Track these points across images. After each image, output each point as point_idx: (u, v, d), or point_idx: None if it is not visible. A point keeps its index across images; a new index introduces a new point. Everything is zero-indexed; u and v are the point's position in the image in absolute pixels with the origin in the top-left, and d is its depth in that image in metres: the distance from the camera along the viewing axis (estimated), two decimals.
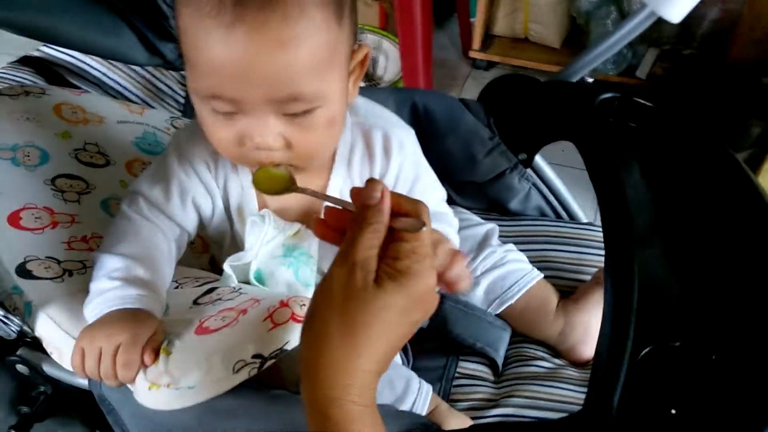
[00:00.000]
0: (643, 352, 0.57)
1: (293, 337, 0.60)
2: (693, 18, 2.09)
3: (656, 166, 0.81)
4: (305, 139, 0.61)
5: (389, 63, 2.27)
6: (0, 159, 0.79)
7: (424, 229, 0.49)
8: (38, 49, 1.12)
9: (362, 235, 0.48)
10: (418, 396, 0.76)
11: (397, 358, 0.82)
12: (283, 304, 0.62)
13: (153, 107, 1.11)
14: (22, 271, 0.69)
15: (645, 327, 0.58)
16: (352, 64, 0.64)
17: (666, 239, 0.75)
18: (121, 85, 1.11)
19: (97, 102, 0.98)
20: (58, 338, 0.66)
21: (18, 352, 0.71)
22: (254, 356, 0.58)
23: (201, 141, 0.68)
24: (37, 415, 0.74)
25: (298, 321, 0.61)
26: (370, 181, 0.50)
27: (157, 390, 0.58)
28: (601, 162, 0.75)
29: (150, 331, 0.61)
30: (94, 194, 0.83)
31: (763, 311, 0.60)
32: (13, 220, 0.74)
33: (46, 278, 0.70)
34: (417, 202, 0.51)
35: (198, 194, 0.72)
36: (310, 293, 0.74)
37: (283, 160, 0.62)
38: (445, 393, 0.83)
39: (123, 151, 0.92)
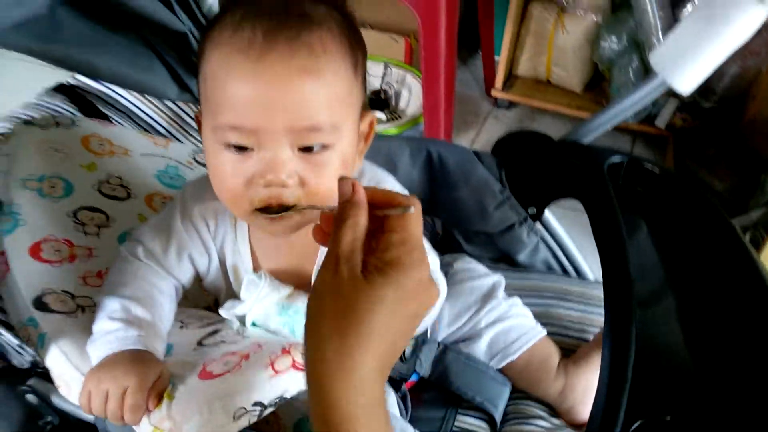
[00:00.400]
0: (635, 425, 0.58)
1: (293, 386, 0.62)
2: (713, 73, 2.11)
3: (662, 229, 0.83)
4: (318, 177, 0.63)
5: (412, 97, 2.31)
6: (28, 189, 0.83)
7: (412, 209, 0.48)
8: (73, 77, 1.17)
9: (342, 230, 0.48)
10: None
11: (395, 409, 0.83)
12: (285, 352, 0.64)
13: (179, 140, 1.15)
14: (39, 304, 0.72)
15: (638, 398, 0.60)
16: (361, 126, 0.68)
17: (667, 303, 0.77)
18: (150, 117, 1.15)
19: (125, 134, 1.01)
20: (68, 372, 0.68)
21: (29, 382, 0.74)
22: (255, 404, 0.60)
23: (205, 199, 0.73)
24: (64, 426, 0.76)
25: (299, 369, 0.63)
26: (341, 179, 0.50)
27: None
28: (605, 226, 0.76)
29: (155, 375, 0.63)
30: (113, 228, 0.86)
31: (752, 386, 0.62)
32: (34, 251, 0.77)
33: (61, 312, 0.72)
34: (393, 193, 0.51)
35: (195, 251, 0.76)
36: None
37: (294, 201, 0.63)
38: None
39: (144, 185, 0.95)
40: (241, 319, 0.75)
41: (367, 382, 0.46)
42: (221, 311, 0.75)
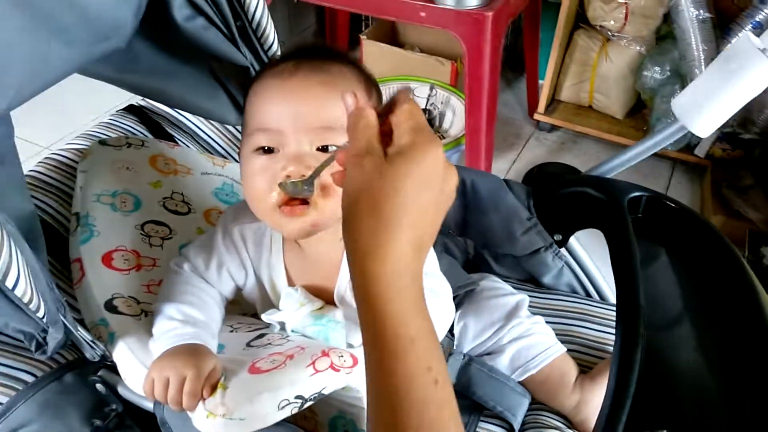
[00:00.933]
0: None
1: (330, 383, 0.69)
2: (755, 104, 2.14)
3: (680, 259, 0.89)
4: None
5: (456, 118, 2.38)
6: (103, 204, 0.93)
7: (411, 93, 0.56)
8: (144, 99, 1.28)
9: (356, 132, 0.53)
10: None
11: None
12: (324, 354, 0.71)
13: (236, 160, 1.25)
14: (110, 307, 0.81)
15: (640, 412, 0.66)
16: None
17: (678, 329, 0.83)
18: (211, 138, 1.26)
19: (188, 155, 1.11)
20: (133, 365, 0.76)
21: (99, 373, 0.81)
22: (297, 397, 0.67)
23: (244, 222, 0.84)
24: (107, 430, 0.83)
25: (336, 370, 0.70)
26: (343, 95, 0.56)
27: (213, 418, 0.68)
28: (622, 257, 0.83)
29: (210, 366, 0.71)
30: (174, 240, 0.95)
31: (746, 409, 0.68)
32: (107, 260, 0.87)
33: (128, 314, 0.81)
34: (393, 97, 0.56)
35: (233, 266, 0.85)
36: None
37: (309, 197, 0.73)
38: None
39: (203, 201, 1.05)
40: (281, 325, 0.83)
41: (404, 259, 0.50)
42: (263, 317, 0.83)
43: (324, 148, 0.74)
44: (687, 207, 0.91)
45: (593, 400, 0.91)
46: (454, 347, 0.99)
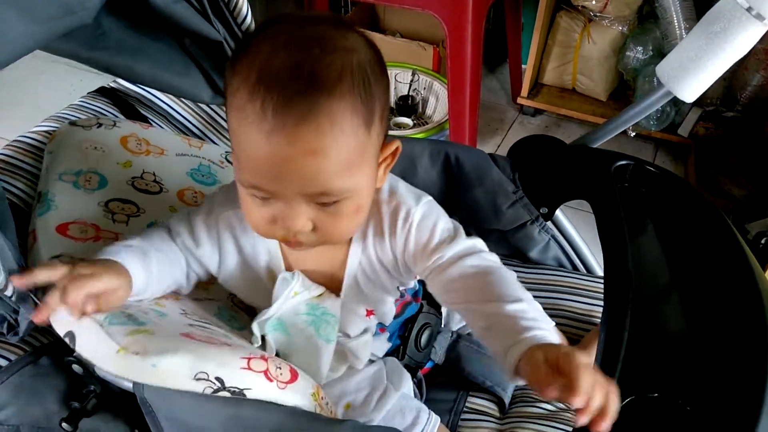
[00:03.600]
0: (625, 401, 0.63)
1: (257, 389, 0.63)
2: (737, 82, 2.14)
3: (667, 228, 0.88)
4: (332, 224, 0.67)
5: (439, 104, 2.37)
6: (64, 182, 0.88)
7: None
8: (114, 81, 1.25)
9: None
10: (426, 425, 0.83)
11: (410, 391, 0.88)
12: (263, 358, 0.66)
13: (213, 141, 1.22)
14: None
15: (629, 378, 0.64)
16: (381, 157, 0.70)
17: (666, 297, 0.81)
18: (185, 119, 1.22)
19: (163, 135, 1.07)
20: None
21: (75, 353, 0.78)
22: (217, 378, 0.61)
23: (232, 206, 0.76)
24: (86, 411, 0.79)
25: (269, 379, 0.64)
26: None
27: (124, 354, 0.62)
28: (609, 225, 0.81)
29: (111, 284, 0.65)
30: (142, 217, 0.90)
31: (735, 370, 0.66)
32: (61, 229, 0.81)
33: None
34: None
35: (207, 251, 0.79)
36: (332, 348, 0.80)
37: (308, 241, 0.69)
38: (453, 425, 0.89)
39: (177, 180, 1.00)
40: (261, 340, 0.79)
41: None
42: (254, 324, 0.78)
43: (323, 204, 0.66)
44: (672, 173, 0.90)
45: None
46: (443, 326, 0.97)
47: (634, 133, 2.30)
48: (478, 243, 0.75)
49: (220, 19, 0.98)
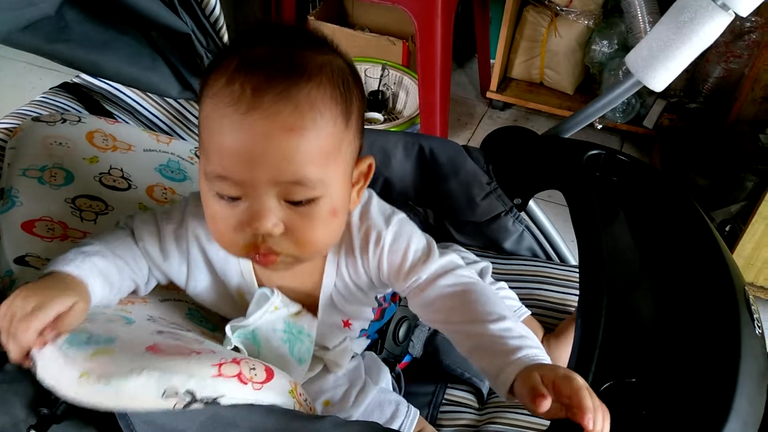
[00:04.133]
0: (604, 386, 0.64)
1: (231, 394, 0.61)
2: (699, 74, 2.18)
3: (638, 215, 0.89)
4: (305, 227, 0.63)
5: (409, 99, 2.36)
6: (28, 177, 0.84)
7: None
8: (78, 76, 1.22)
9: None
10: (406, 418, 0.82)
11: (389, 385, 0.88)
12: (235, 361, 0.63)
13: (182, 137, 1.19)
14: (19, 261, 0.72)
15: (607, 364, 0.65)
16: (356, 173, 0.69)
17: (639, 283, 0.82)
18: (153, 114, 1.20)
19: (130, 131, 1.04)
20: None
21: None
22: (187, 392, 0.58)
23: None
24: (55, 417, 0.76)
25: (243, 382, 0.61)
26: None
27: (86, 380, 0.58)
28: (583, 213, 0.82)
29: (65, 304, 0.60)
30: (111, 215, 0.87)
31: (709, 351, 0.67)
32: (27, 227, 0.77)
33: (39, 269, 0.71)
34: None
35: (174, 262, 0.75)
36: (305, 368, 0.78)
37: (279, 249, 0.64)
38: (433, 418, 0.89)
39: (145, 177, 0.97)
40: (243, 332, 0.76)
41: None
42: (228, 327, 0.75)
43: (295, 203, 0.63)
44: (643, 162, 0.91)
45: (560, 358, 0.90)
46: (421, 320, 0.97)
47: (600, 126, 2.33)
48: (454, 259, 0.73)
49: (188, 11, 0.96)
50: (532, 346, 0.63)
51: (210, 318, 0.85)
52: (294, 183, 0.61)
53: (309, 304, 0.79)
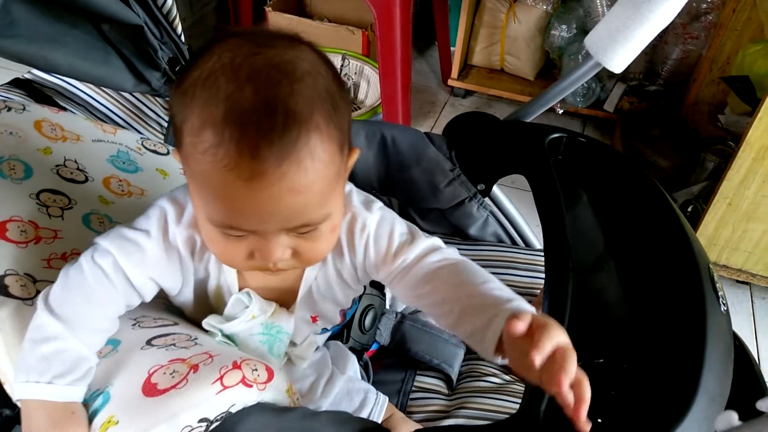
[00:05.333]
0: None
1: (240, 401, 0.62)
2: (657, 57, 2.21)
3: (600, 198, 0.90)
4: (311, 248, 0.65)
5: (370, 89, 2.35)
6: None
7: None
8: (29, 72, 1.18)
9: None
10: (375, 406, 0.82)
11: (357, 374, 0.87)
12: (236, 366, 0.64)
13: (138, 131, 1.17)
14: (0, 286, 0.72)
15: (574, 345, 0.65)
16: (348, 164, 0.67)
17: (604, 264, 0.83)
18: (108, 109, 1.16)
19: (74, 121, 1.01)
20: (6, 366, 0.68)
21: None
22: (200, 420, 0.59)
23: (189, 225, 0.70)
24: (18, 418, 0.75)
25: (248, 385, 0.62)
26: None
27: None
28: (546, 197, 0.82)
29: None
30: (76, 209, 0.86)
31: (676, 329, 0.68)
32: (1, 231, 0.76)
33: (19, 297, 0.72)
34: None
35: (167, 274, 0.73)
36: (281, 362, 0.79)
37: (286, 267, 0.66)
38: (402, 405, 0.89)
39: (100, 168, 0.95)
40: (221, 332, 0.75)
41: None
42: (205, 324, 0.75)
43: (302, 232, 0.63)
44: (604, 144, 0.92)
45: None
46: (387, 307, 0.96)
47: (561, 110, 2.35)
48: (437, 241, 0.74)
49: (140, 2, 0.94)
50: (522, 301, 0.63)
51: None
52: (302, 226, 0.61)
53: (285, 299, 0.78)
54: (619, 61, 0.88)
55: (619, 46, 0.87)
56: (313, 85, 0.58)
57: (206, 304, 0.78)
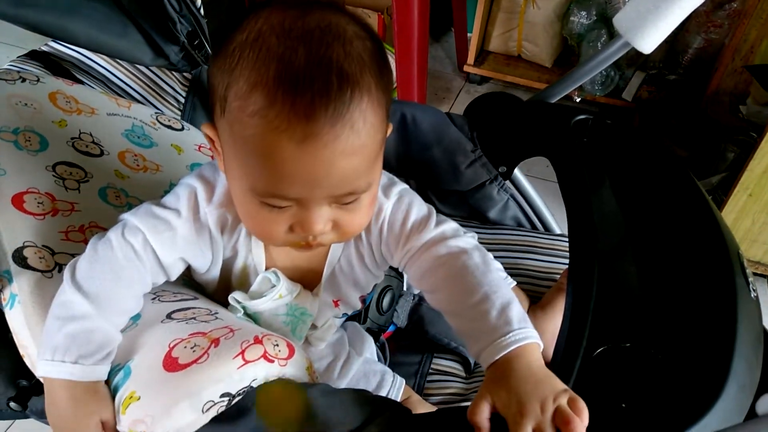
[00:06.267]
0: (597, 351, 0.62)
1: (261, 375, 0.61)
2: (678, 45, 2.18)
3: (624, 181, 0.88)
4: (351, 220, 0.64)
5: None
6: (4, 141, 0.81)
7: None
8: (46, 44, 1.17)
9: None
10: (392, 388, 0.81)
11: (374, 355, 0.86)
12: (257, 341, 0.63)
13: (155, 106, 1.15)
14: (19, 258, 0.71)
15: (600, 329, 0.64)
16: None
17: (628, 249, 0.81)
18: (125, 83, 1.15)
19: (88, 94, 1.00)
20: (27, 340, 0.68)
21: None
22: (222, 395, 0.59)
23: (220, 204, 0.69)
24: (35, 389, 0.75)
25: (270, 360, 0.62)
26: None
27: None
28: (571, 179, 0.80)
29: (105, 417, 0.63)
30: (92, 183, 0.85)
31: (705, 315, 0.66)
32: (17, 202, 0.76)
33: (38, 269, 0.71)
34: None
35: (198, 253, 0.72)
36: (301, 343, 0.78)
37: (328, 241, 0.67)
38: (420, 387, 0.88)
39: (115, 142, 0.94)
40: (244, 310, 0.75)
41: None
42: (230, 299, 0.74)
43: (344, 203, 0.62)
44: (631, 127, 0.89)
45: (547, 329, 0.89)
46: (405, 289, 0.95)
47: (579, 98, 2.32)
48: (447, 229, 0.72)
49: None
50: (511, 326, 0.61)
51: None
52: (347, 194, 0.60)
53: (309, 280, 0.77)
54: (648, 41, 0.85)
55: (649, 26, 0.85)
56: (363, 48, 0.57)
57: (229, 284, 0.77)
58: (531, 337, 0.61)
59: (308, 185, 0.58)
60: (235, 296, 0.74)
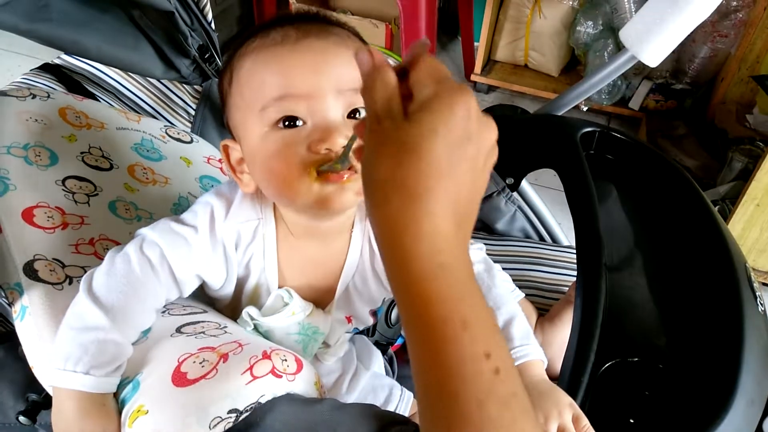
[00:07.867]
0: (605, 366, 0.63)
1: (269, 391, 0.61)
2: (685, 55, 2.18)
3: (630, 194, 0.88)
4: None
5: None
6: (14, 156, 0.82)
7: (427, 41, 0.46)
8: (59, 57, 1.18)
9: (372, 92, 0.45)
10: (400, 402, 0.81)
11: (381, 369, 0.87)
12: (266, 356, 0.63)
13: (167, 119, 1.16)
14: (29, 271, 0.71)
15: (608, 344, 0.64)
16: None
17: (635, 262, 0.81)
18: (136, 96, 1.17)
19: (98, 109, 1.01)
20: (37, 352, 0.68)
21: None
22: (230, 411, 0.59)
23: (236, 220, 0.71)
24: (45, 403, 0.75)
25: (278, 376, 0.62)
26: (356, 53, 0.47)
27: None
28: (578, 192, 0.81)
29: (112, 427, 0.62)
30: (101, 196, 0.86)
31: (712, 329, 0.67)
32: (27, 216, 0.76)
33: (49, 282, 0.71)
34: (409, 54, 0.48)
35: (213, 270, 0.72)
36: (310, 360, 0.78)
37: (355, 177, 0.64)
38: None
39: (124, 156, 0.95)
40: (256, 327, 0.75)
41: (442, 236, 0.42)
42: (244, 314, 0.74)
43: (353, 114, 0.64)
44: (638, 140, 0.90)
45: (555, 342, 0.89)
46: None
47: (586, 108, 2.32)
48: None
49: None
50: (512, 343, 0.63)
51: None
52: (355, 90, 0.59)
53: (322, 300, 0.77)
54: (654, 54, 0.86)
55: (655, 39, 0.85)
56: (349, 33, 0.68)
57: (240, 302, 0.77)
58: (531, 354, 0.61)
59: (312, 71, 0.62)
60: (249, 311, 0.74)
